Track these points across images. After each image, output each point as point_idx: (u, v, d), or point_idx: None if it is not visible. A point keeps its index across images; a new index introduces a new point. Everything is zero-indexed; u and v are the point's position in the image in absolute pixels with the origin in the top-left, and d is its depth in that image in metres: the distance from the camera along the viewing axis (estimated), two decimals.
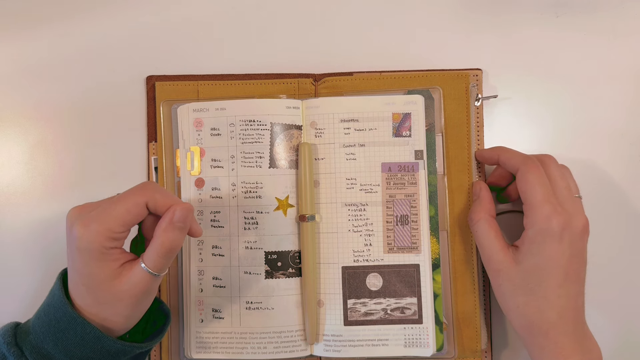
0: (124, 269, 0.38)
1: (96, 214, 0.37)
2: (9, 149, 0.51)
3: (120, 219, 0.37)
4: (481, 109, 0.50)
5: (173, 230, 0.38)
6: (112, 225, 0.37)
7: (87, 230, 0.36)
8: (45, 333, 0.38)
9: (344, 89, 0.50)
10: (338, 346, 0.47)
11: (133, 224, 0.38)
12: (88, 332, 0.37)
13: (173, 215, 0.38)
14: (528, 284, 0.42)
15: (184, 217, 0.38)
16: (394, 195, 0.48)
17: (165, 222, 0.38)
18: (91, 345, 0.37)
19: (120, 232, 0.37)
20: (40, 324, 0.38)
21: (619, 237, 0.51)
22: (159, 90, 0.50)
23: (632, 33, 0.52)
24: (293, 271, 0.48)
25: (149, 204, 0.38)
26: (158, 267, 0.38)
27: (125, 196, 0.38)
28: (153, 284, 0.39)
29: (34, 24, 0.51)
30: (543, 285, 0.41)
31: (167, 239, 0.38)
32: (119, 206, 0.37)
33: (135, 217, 0.38)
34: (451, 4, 0.52)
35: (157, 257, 0.38)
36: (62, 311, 0.38)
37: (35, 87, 0.51)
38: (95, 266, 0.37)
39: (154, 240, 0.38)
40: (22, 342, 0.38)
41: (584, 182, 0.51)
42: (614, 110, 0.51)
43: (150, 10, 0.52)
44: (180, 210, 0.38)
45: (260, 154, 0.48)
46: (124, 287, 0.38)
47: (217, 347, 0.48)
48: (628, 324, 0.50)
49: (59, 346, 0.37)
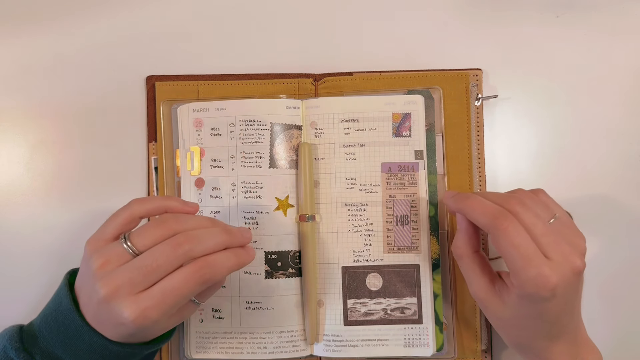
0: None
1: (155, 303, 0.35)
2: (9, 149, 0.51)
3: (185, 298, 0.36)
4: (481, 109, 0.50)
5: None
6: (173, 309, 0.36)
7: (147, 321, 0.35)
8: (54, 338, 0.38)
9: (344, 89, 0.50)
10: (338, 346, 0.47)
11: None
12: (96, 340, 0.37)
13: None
14: (517, 324, 0.40)
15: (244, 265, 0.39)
16: (394, 195, 0.48)
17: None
18: (100, 352, 0.37)
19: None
20: (48, 329, 0.38)
21: (619, 237, 0.50)
22: (159, 90, 0.50)
23: (632, 33, 0.52)
24: (293, 271, 0.48)
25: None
26: (207, 298, 0.41)
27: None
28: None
29: (34, 24, 0.51)
30: (532, 330, 0.39)
31: (223, 280, 0.40)
32: (176, 281, 0.35)
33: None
34: (451, 3, 0.52)
35: (212, 292, 0.41)
36: (70, 318, 0.37)
37: (35, 87, 0.51)
38: (144, 332, 0.38)
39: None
40: (31, 348, 0.38)
41: (584, 182, 0.51)
42: (613, 110, 0.51)
43: (150, 10, 0.52)
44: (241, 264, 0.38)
45: (260, 154, 0.48)
46: (168, 324, 0.39)
47: (217, 347, 0.48)
48: (629, 324, 0.50)
49: (69, 351, 0.37)
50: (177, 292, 0.35)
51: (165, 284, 0.35)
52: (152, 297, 0.35)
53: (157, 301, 0.35)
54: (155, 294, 0.35)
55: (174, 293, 0.35)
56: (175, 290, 0.35)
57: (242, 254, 0.38)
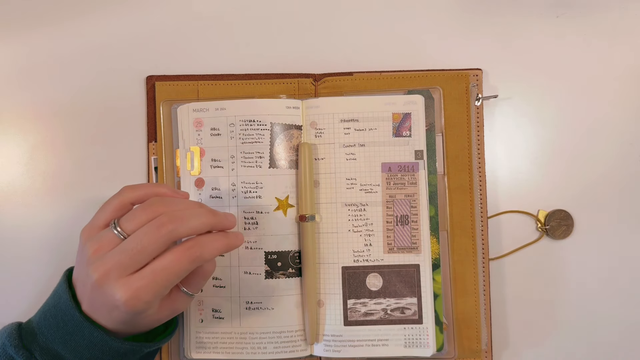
0: (163, 300, 0.39)
1: (146, 283, 0.35)
2: (9, 149, 0.51)
3: (176, 277, 0.36)
4: (481, 109, 0.50)
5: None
6: (165, 289, 0.36)
7: (139, 302, 0.35)
8: (53, 335, 0.38)
9: (344, 89, 0.50)
10: (338, 346, 0.47)
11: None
12: (95, 335, 0.37)
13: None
14: None
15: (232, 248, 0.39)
16: (394, 195, 0.48)
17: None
18: (100, 347, 0.37)
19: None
20: (47, 325, 0.38)
21: (619, 237, 0.50)
22: (159, 90, 0.50)
23: (632, 33, 0.52)
24: (293, 271, 0.48)
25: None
26: (199, 289, 0.41)
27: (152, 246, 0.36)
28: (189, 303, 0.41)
29: (34, 24, 0.51)
30: None
31: (212, 265, 0.40)
32: (166, 262, 0.36)
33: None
34: (451, 4, 0.52)
35: (202, 281, 0.40)
36: (69, 314, 0.37)
37: (35, 87, 0.51)
38: (138, 317, 0.38)
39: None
40: (30, 344, 0.38)
41: (584, 182, 0.51)
42: (613, 110, 0.51)
43: (150, 10, 0.52)
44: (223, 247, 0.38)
45: (260, 154, 0.48)
46: (162, 315, 0.39)
47: (217, 347, 0.48)
48: (629, 323, 0.50)
49: (68, 347, 0.37)
50: (167, 271, 0.35)
51: (156, 264, 0.35)
52: (142, 278, 0.35)
53: (148, 281, 0.35)
54: (146, 274, 0.35)
55: (164, 272, 0.35)
56: (166, 269, 0.35)
57: (231, 236, 0.39)
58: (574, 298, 0.50)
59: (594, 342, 0.50)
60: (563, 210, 0.50)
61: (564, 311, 0.50)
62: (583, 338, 0.50)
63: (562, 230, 0.50)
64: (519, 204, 0.51)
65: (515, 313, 0.50)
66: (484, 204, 0.49)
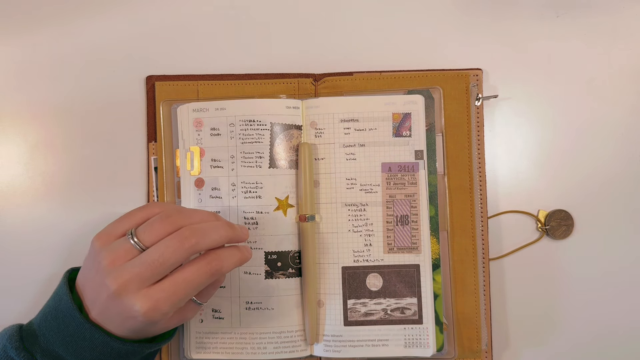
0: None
1: (166, 295, 0.36)
2: (9, 149, 0.51)
3: (195, 289, 0.37)
4: (481, 109, 0.50)
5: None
6: (183, 301, 0.37)
7: (157, 313, 0.36)
8: (54, 337, 0.38)
9: (344, 89, 0.50)
10: (338, 346, 0.47)
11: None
12: (97, 337, 0.37)
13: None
14: None
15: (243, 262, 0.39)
16: (394, 195, 0.48)
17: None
18: (101, 349, 0.37)
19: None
20: (48, 327, 0.38)
21: (619, 237, 0.50)
22: (158, 90, 0.50)
23: (632, 33, 0.52)
24: (293, 271, 0.48)
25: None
26: (208, 299, 0.41)
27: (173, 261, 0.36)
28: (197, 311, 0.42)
29: (34, 24, 0.51)
30: None
31: (223, 277, 0.41)
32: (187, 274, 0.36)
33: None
34: (451, 3, 0.52)
35: (213, 291, 0.41)
36: (70, 316, 0.37)
37: (35, 87, 0.51)
38: (150, 326, 0.38)
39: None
40: (31, 346, 0.38)
41: (584, 182, 0.51)
42: (613, 109, 0.51)
43: (150, 10, 0.52)
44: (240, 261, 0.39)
45: (260, 154, 0.48)
46: (171, 324, 0.40)
47: (217, 348, 0.48)
48: (629, 323, 0.50)
49: (70, 349, 0.37)
50: (188, 283, 0.36)
51: (177, 276, 0.36)
52: (163, 290, 0.35)
53: (168, 293, 0.35)
54: (167, 286, 0.36)
55: (185, 285, 0.36)
56: (187, 282, 0.36)
57: (245, 251, 0.39)
58: (574, 298, 0.50)
59: (594, 342, 0.50)
60: (563, 210, 0.50)
61: (564, 311, 0.50)
62: (583, 338, 0.50)
63: (562, 231, 0.50)
64: (519, 204, 0.51)
65: (515, 313, 0.50)
66: (484, 204, 0.49)
